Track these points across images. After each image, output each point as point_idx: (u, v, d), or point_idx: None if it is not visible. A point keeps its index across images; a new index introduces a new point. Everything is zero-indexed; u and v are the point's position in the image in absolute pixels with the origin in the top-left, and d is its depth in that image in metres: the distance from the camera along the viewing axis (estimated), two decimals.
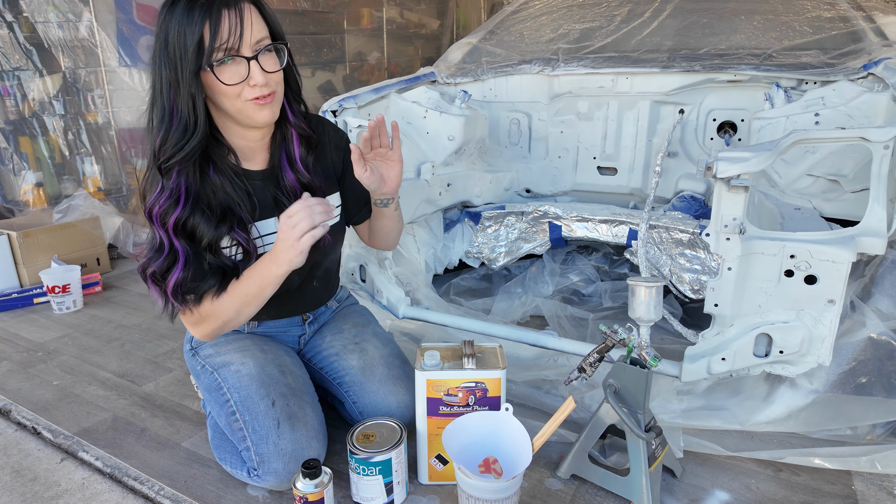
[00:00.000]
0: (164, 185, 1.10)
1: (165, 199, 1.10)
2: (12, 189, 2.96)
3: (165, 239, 1.11)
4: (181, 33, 1.03)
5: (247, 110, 1.11)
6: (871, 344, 1.28)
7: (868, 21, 1.97)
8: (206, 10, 1.02)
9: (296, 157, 1.24)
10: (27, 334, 2.13)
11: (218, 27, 1.03)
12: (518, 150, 2.42)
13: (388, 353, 1.42)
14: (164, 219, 1.10)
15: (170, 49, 1.04)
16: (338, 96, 1.94)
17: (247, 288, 1.17)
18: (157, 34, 1.06)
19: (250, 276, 1.17)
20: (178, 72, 1.04)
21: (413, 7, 5.08)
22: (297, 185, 1.24)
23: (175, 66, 1.04)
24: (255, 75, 1.07)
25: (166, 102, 1.07)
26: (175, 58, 1.04)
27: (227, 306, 1.17)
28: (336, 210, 1.34)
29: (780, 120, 1.71)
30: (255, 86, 1.08)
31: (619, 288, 2.16)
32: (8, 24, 2.76)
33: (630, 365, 1.17)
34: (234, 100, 1.09)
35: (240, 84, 1.08)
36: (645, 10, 2.34)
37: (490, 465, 1.14)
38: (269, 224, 1.24)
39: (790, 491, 1.25)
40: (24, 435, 1.52)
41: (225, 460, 1.31)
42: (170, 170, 1.10)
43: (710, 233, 1.26)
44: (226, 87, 1.07)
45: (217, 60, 1.05)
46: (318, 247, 1.25)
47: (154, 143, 1.09)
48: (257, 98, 1.10)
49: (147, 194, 1.13)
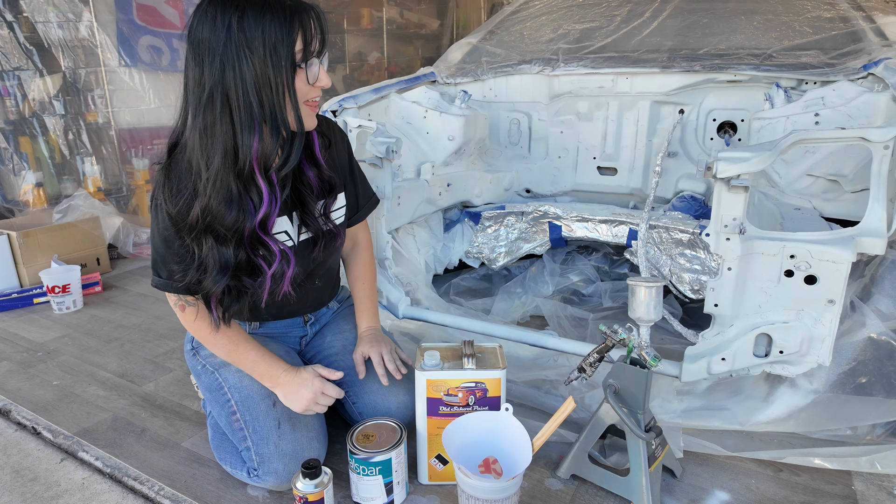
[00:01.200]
0: (273, 193, 1.10)
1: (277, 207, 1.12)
2: (12, 189, 2.96)
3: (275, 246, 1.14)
4: (272, 35, 1.01)
5: (304, 113, 1.11)
6: (871, 344, 1.28)
7: (868, 21, 1.97)
8: (296, 16, 1.03)
9: (316, 151, 1.24)
10: (27, 334, 2.13)
11: (308, 32, 1.05)
12: (518, 150, 2.42)
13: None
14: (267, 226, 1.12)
15: (255, 49, 1.00)
16: (338, 96, 1.94)
17: (241, 359, 1.25)
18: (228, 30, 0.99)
19: (254, 359, 1.24)
20: (270, 70, 1.01)
21: (413, 7, 5.08)
22: (317, 181, 1.24)
23: (264, 65, 1.01)
24: (323, 78, 1.10)
25: (255, 103, 1.02)
26: (265, 57, 1.01)
27: (221, 349, 1.25)
28: (341, 212, 1.35)
29: (780, 120, 1.71)
30: (320, 86, 1.11)
31: (619, 288, 2.15)
32: (8, 24, 2.76)
33: (630, 365, 1.17)
34: (298, 103, 1.09)
35: (309, 86, 1.09)
36: (645, 10, 2.34)
37: (490, 465, 1.14)
38: (282, 222, 1.23)
39: (790, 491, 1.25)
40: (24, 435, 1.52)
41: (225, 460, 1.31)
42: (282, 178, 1.11)
43: (710, 233, 1.26)
44: (305, 88, 1.08)
45: (308, 62, 1.06)
46: (332, 245, 1.29)
47: (249, 147, 1.04)
48: (313, 102, 1.12)
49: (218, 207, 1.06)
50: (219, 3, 1.01)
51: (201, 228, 1.07)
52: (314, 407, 1.23)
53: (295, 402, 1.22)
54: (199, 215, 1.06)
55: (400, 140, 1.69)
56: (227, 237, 1.08)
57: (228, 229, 1.07)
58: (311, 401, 1.22)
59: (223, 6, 1.00)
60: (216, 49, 1.00)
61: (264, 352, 1.25)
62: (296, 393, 1.22)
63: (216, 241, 1.08)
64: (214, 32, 1.00)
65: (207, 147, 1.04)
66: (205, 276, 1.11)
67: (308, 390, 1.22)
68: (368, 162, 1.76)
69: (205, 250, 1.09)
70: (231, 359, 1.25)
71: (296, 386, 1.22)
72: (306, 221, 1.24)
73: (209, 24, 1.00)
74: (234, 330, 1.23)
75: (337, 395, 1.26)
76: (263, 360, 1.24)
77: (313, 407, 1.23)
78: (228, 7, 1.00)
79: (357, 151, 1.84)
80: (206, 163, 1.05)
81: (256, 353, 1.24)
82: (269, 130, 1.05)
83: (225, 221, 1.06)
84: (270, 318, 1.39)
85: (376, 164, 1.75)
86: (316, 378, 1.24)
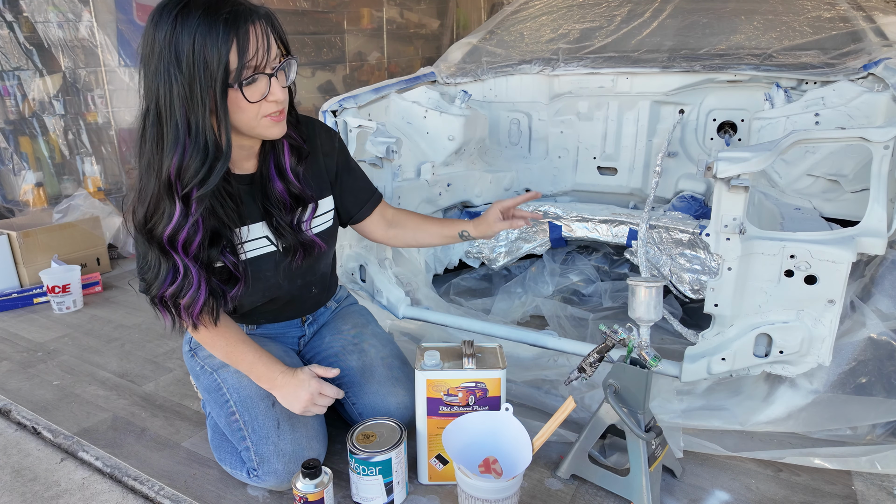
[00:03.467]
0: (186, 213, 1.05)
1: (190, 226, 1.05)
2: (12, 189, 2.96)
3: (182, 265, 1.08)
4: (202, 50, 0.96)
5: (261, 127, 1.08)
6: (871, 344, 1.28)
7: (868, 21, 1.97)
8: (231, 27, 0.96)
9: (286, 167, 1.21)
10: (27, 334, 2.13)
11: (246, 45, 0.98)
12: (518, 150, 2.42)
13: (388, 353, 1.42)
14: (186, 246, 1.07)
15: (184, 64, 0.96)
16: (338, 96, 1.94)
17: (239, 360, 1.24)
18: (161, 44, 0.97)
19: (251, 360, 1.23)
20: (198, 90, 0.97)
21: (413, 7, 5.08)
22: (287, 194, 1.21)
23: (192, 83, 0.97)
24: (276, 92, 1.05)
25: (180, 121, 0.99)
26: (193, 75, 0.96)
27: (218, 350, 1.24)
28: (327, 216, 1.33)
29: (780, 120, 1.71)
30: (274, 101, 1.06)
31: (619, 288, 2.15)
32: (8, 24, 2.76)
33: (630, 365, 1.17)
34: (251, 117, 1.05)
35: (259, 102, 1.04)
36: (645, 10, 2.34)
37: (490, 465, 1.14)
38: (257, 228, 1.22)
39: (790, 491, 1.25)
40: (24, 435, 1.52)
41: (225, 460, 1.31)
42: (198, 198, 1.04)
43: (710, 233, 1.26)
44: (248, 105, 1.03)
45: (246, 79, 1.00)
46: (311, 254, 1.27)
47: (169, 165, 1.01)
48: (272, 115, 1.07)
49: (154, 218, 1.05)
50: (158, 14, 0.98)
51: (144, 234, 1.07)
52: (312, 408, 1.22)
53: (293, 403, 1.22)
54: (141, 221, 1.06)
55: (400, 140, 1.69)
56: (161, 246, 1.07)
57: (160, 238, 1.06)
58: (309, 402, 1.21)
59: (160, 17, 0.97)
60: (149, 62, 0.99)
61: (262, 353, 1.25)
62: (293, 394, 1.21)
63: (157, 249, 1.07)
64: (150, 45, 0.98)
65: (141, 156, 1.04)
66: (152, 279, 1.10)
67: (305, 391, 1.21)
68: (368, 162, 1.77)
69: (150, 255, 1.09)
70: (229, 359, 1.25)
71: (293, 387, 1.22)
72: (279, 232, 1.22)
73: (148, 36, 0.99)
74: (231, 331, 1.23)
75: (335, 395, 1.25)
76: (261, 361, 1.24)
77: (311, 408, 1.22)
78: (165, 18, 0.97)
79: (357, 151, 1.84)
80: (139, 171, 1.05)
81: (254, 354, 1.24)
82: (192, 149, 1.00)
83: (156, 231, 1.06)
84: (267, 321, 1.39)
85: (376, 164, 1.75)
86: (313, 379, 1.23)
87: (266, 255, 1.23)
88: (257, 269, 1.22)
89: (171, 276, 1.08)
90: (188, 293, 1.09)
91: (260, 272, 1.23)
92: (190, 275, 1.09)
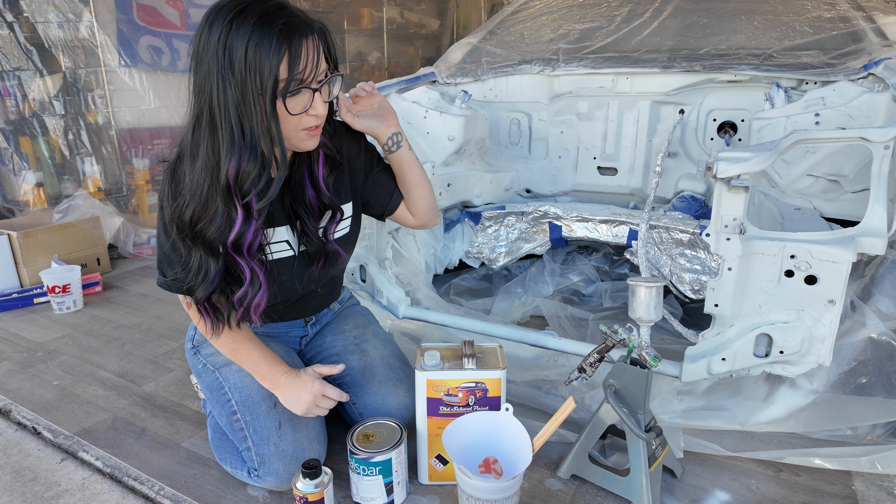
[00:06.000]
0: (247, 218, 1.06)
1: (253, 232, 1.07)
2: (12, 189, 2.96)
3: (248, 268, 1.10)
4: (256, 59, 0.95)
5: (297, 139, 1.08)
6: (872, 344, 1.27)
7: (868, 21, 1.97)
8: (285, 39, 0.96)
9: (319, 176, 1.21)
10: (27, 334, 2.13)
11: (297, 59, 0.98)
12: (518, 150, 2.42)
13: (388, 354, 1.42)
14: (250, 250, 1.09)
15: (237, 69, 0.96)
16: None
17: (244, 358, 1.25)
18: (215, 46, 0.96)
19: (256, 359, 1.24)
20: (250, 97, 0.97)
21: (413, 7, 5.08)
22: (317, 202, 1.21)
23: (244, 89, 0.97)
24: (318, 107, 1.05)
25: (235, 126, 0.99)
26: (245, 81, 0.96)
27: (224, 347, 1.25)
28: (346, 223, 1.32)
29: (781, 120, 1.71)
30: (315, 115, 1.06)
31: (620, 288, 2.15)
32: (8, 24, 2.76)
33: (630, 365, 1.17)
34: (289, 128, 1.05)
35: (301, 114, 1.04)
36: (645, 10, 2.34)
37: (490, 465, 1.14)
38: (281, 232, 1.22)
39: (790, 491, 1.25)
40: (24, 435, 1.52)
41: (225, 460, 1.31)
42: (259, 209, 1.06)
43: (710, 233, 1.26)
44: (288, 117, 1.03)
45: (292, 91, 1.00)
46: (334, 263, 1.28)
47: (227, 169, 1.01)
48: (310, 128, 1.08)
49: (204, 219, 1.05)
50: (214, 14, 0.98)
51: (190, 235, 1.07)
52: (315, 410, 1.22)
53: (295, 404, 1.22)
54: (188, 222, 1.06)
55: None
56: (212, 248, 1.08)
57: (212, 241, 1.07)
58: (312, 403, 1.21)
59: (217, 18, 0.97)
60: (203, 64, 0.99)
61: (267, 352, 1.25)
62: (296, 396, 1.22)
63: (203, 250, 1.08)
64: (205, 46, 0.98)
65: (194, 158, 1.04)
66: (195, 280, 1.11)
67: (308, 393, 1.21)
68: None
69: (194, 256, 1.09)
70: (234, 357, 1.25)
71: (296, 388, 1.22)
72: (306, 238, 1.23)
73: (204, 36, 0.98)
74: (238, 329, 1.23)
75: (337, 398, 1.25)
76: (265, 361, 1.24)
77: (314, 410, 1.22)
78: (220, 20, 0.96)
79: None
80: (191, 173, 1.05)
81: (259, 353, 1.24)
82: (248, 155, 1.01)
83: (208, 233, 1.06)
84: (270, 320, 1.39)
85: None
86: (316, 381, 1.23)
87: (285, 260, 1.24)
88: (276, 272, 1.22)
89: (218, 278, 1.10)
90: (258, 294, 1.12)
91: (278, 276, 1.23)
92: (257, 278, 1.11)
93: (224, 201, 1.04)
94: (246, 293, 1.12)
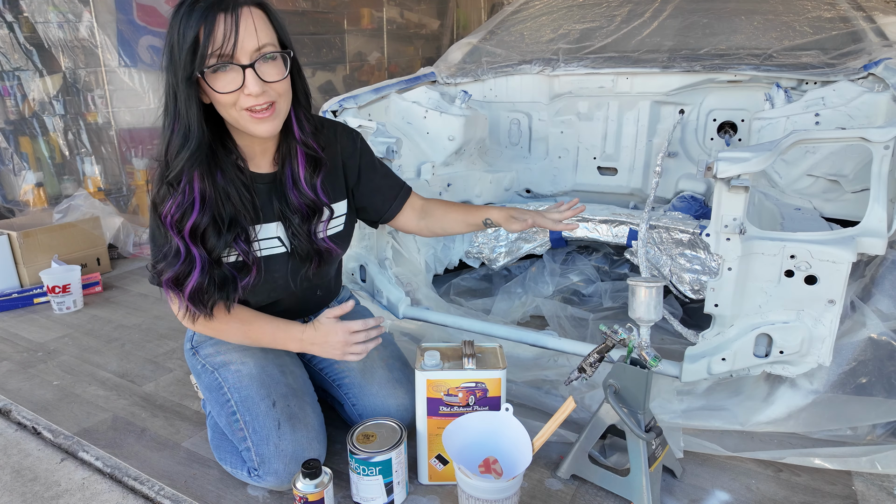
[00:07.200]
0: (175, 191, 1.07)
1: (177, 205, 1.07)
2: (12, 189, 2.96)
3: (182, 246, 1.09)
4: (180, 37, 0.98)
5: (243, 121, 1.06)
6: (872, 344, 1.27)
7: (868, 21, 1.97)
8: (202, 13, 0.97)
9: (300, 177, 1.19)
10: (27, 334, 2.13)
11: (212, 31, 0.97)
12: (518, 150, 2.42)
13: (388, 354, 1.42)
14: (179, 226, 1.08)
15: (172, 53, 1.00)
16: (338, 96, 1.94)
17: (259, 336, 1.24)
18: (166, 38, 1.02)
19: (271, 331, 1.23)
20: (177, 76, 1.00)
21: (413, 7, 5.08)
22: (303, 204, 1.21)
23: (175, 70, 1.00)
24: (250, 84, 1.01)
25: (170, 107, 1.04)
26: (175, 61, 1.00)
27: (233, 335, 1.24)
28: (341, 220, 1.32)
29: (781, 120, 1.71)
30: (250, 95, 1.02)
31: (620, 288, 2.15)
32: (8, 24, 2.76)
33: (630, 365, 1.17)
34: (229, 109, 1.05)
35: (234, 93, 1.02)
36: (645, 10, 2.34)
37: (490, 465, 1.14)
38: (271, 228, 1.22)
39: (790, 491, 1.25)
40: (24, 435, 1.52)
41: (225, 460, 1.31)
42: (178, 177, 1.06)
43: (710, 233, 1.26)
44: (220, 96, 1.02)
45: (209, 67, 0.99)
46: (327, 262, 1.28)
47: (162, 149, 1.07)
48: (253, 110, 1.04)
49: (159, 198, 1.10)
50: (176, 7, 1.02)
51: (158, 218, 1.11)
52: (352, 349, 1.20)
53: (330, 351, 1.20)
54: (156, 212, 1.11)
55: (400, 140, 1.69)
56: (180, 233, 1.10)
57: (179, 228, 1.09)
58: (345, 343, 1.20)
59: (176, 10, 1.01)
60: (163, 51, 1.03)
61: (277, 321, 1.24)
62: (327, 343, 1.20)
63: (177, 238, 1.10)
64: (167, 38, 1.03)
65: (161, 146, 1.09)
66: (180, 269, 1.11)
67: (334, 335, 1.20)
68: None
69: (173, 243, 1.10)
70: (248, 339, 1.24)
71: (321, 337, 1.21)
72: (294, 237, 1.22)
73: None
74: (244, 311, 1.23)
75: (363, 327, 1.21)
76: (280, 329, 1.23)
77: (351, 350, 1.20)
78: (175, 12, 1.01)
79: None
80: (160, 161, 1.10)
81: (271, 325, 1.23)
82: (178, 134, 1.04)
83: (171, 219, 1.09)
84: None
85: None
86: (334, 323, 1.21)
87: (277, 256, 1.23)
88: (267, 268, 1.22)
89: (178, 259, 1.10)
90: (193, 276, 1.10)
91: (270, 272, 1.23)
92: (192, 257, 1.10)
93: (161, 179, 1.08)
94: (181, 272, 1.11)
